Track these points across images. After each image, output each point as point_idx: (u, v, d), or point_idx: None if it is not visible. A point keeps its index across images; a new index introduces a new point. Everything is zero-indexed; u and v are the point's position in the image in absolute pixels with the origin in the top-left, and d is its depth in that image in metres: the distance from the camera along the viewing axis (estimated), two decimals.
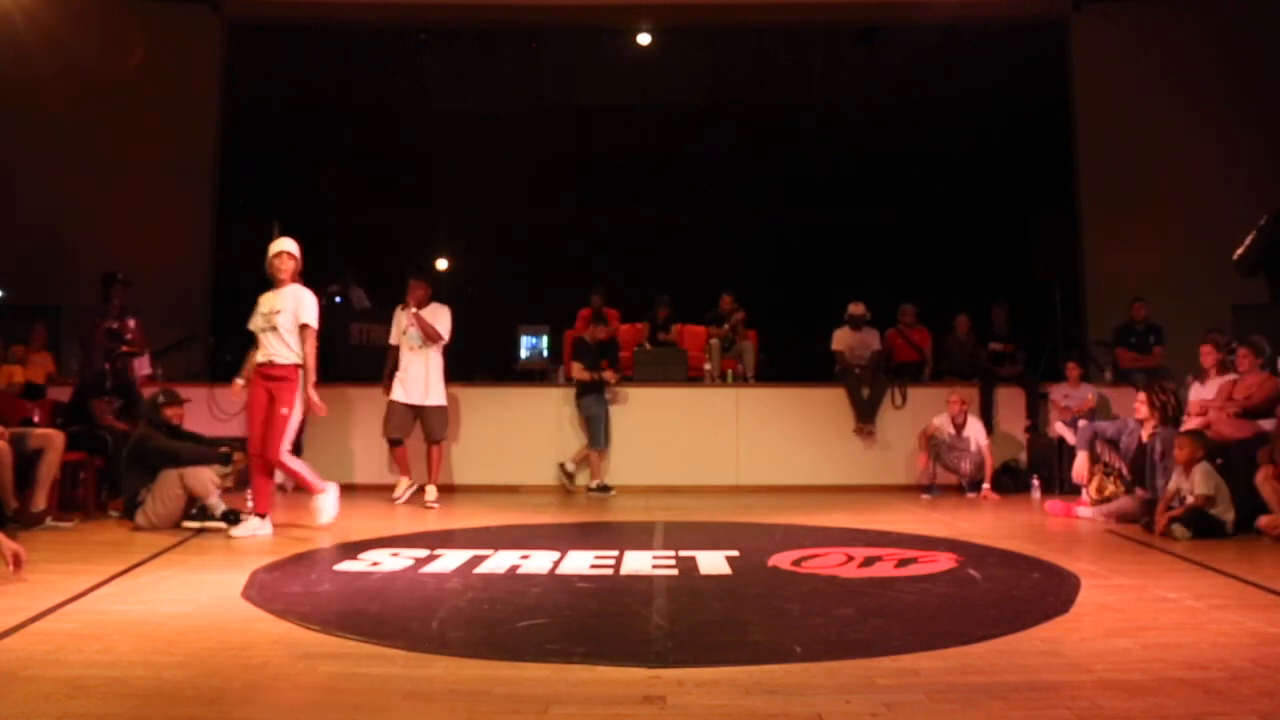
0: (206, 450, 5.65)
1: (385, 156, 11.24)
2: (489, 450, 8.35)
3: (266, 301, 5.45)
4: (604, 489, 7.88)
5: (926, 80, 10.43)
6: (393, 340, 7.17)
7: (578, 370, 8.02)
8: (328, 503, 5.39)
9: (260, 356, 5.38)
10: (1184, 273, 9.41)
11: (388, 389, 7.09)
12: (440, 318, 7.03)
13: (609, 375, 8.00)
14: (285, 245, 5.48)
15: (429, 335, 6.97)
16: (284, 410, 5.26)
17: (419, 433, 7.16)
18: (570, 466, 8.03)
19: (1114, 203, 9.72)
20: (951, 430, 7.67)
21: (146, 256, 8.97)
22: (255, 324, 5.45)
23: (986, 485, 7.51)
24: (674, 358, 8.86)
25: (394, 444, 7.16)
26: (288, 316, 5.34)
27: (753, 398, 8.54)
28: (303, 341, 5.34)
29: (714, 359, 8.81)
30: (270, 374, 5.32)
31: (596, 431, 7.92)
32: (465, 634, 3.05)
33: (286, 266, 5.43)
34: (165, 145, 9.55)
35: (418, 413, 7.05)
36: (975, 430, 7.71)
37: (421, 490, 7.03)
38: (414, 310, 6.96)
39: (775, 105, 11.35)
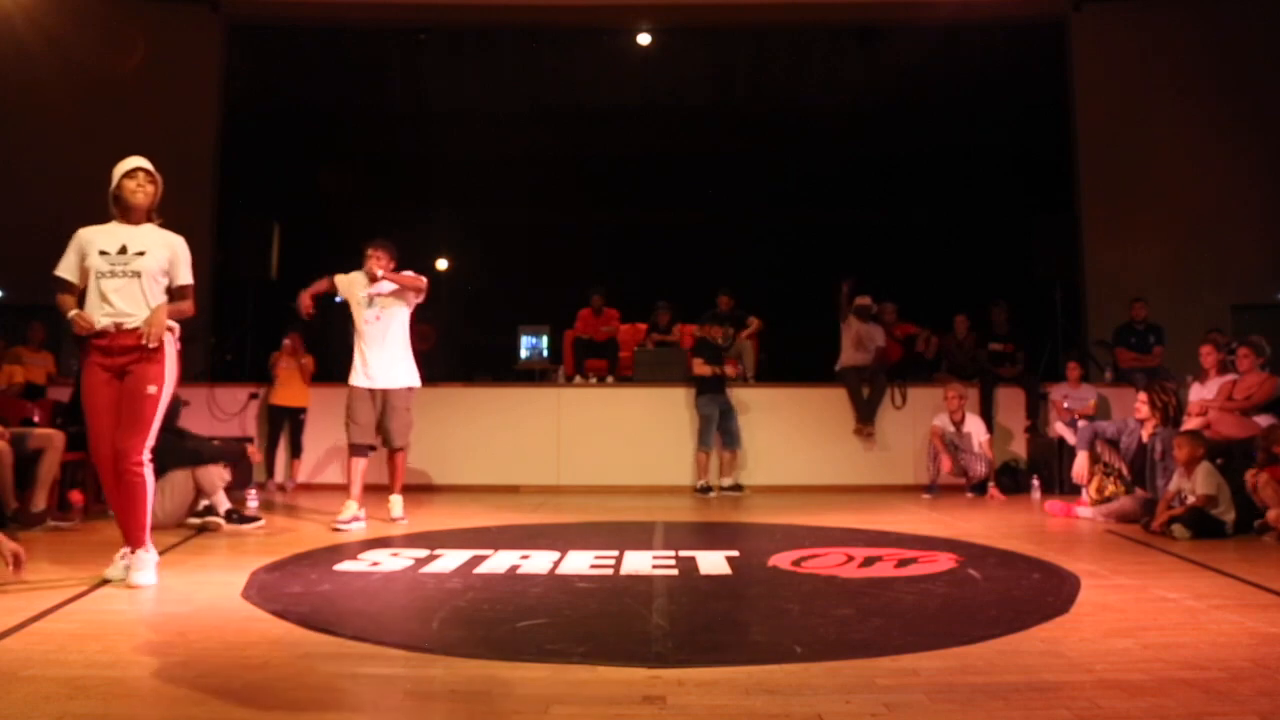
0: (224, 447, 5.76)
1: (385, 156, 11.25)
2: (489, 450, 8.36)
3: (109, 237, 3.83)
4: (737, 488, 7.87)
5: (926, 80, 10.44)
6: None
7: (699, 365, 8.02)
8: (149, 565, 3.77)
9: (101, 318, 3.73)
10: (1184, 273, 9.42)
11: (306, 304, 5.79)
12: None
13: (730, 369, 8.02)
14: (142, 162, 3.96)
15: (406, 286, 5.73)
16: (151, 389, 3.71)
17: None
18: (701, 482, 7.93)
19: (1114, 203, 9.72)
20: (952, 428, 7.68)
21: None
22: (92, 268, 3.77)
23: (993, 485, 7.52)
24: (674, 358, 8.86)
25: (356, 451, 5.79)
26: (156, 260, 3.83)
27: (753, 398, 8.54)
28: (180, 299, 3.91)
29: None
30: (123, 344, 3.73)
31: (705, 431, 7.93)
32: (465, 634, 3.05)
33: (146, 191, 3.90)
34: (165, 145, 9.46)
35: (380, 402, 5.78)
36: (975, 426, 7.72)
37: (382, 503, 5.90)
38: (380, 274, 5.69)
39: (775, 105, 11.35)
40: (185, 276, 3.94)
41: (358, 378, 5.80)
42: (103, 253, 3.80)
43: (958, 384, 7.94)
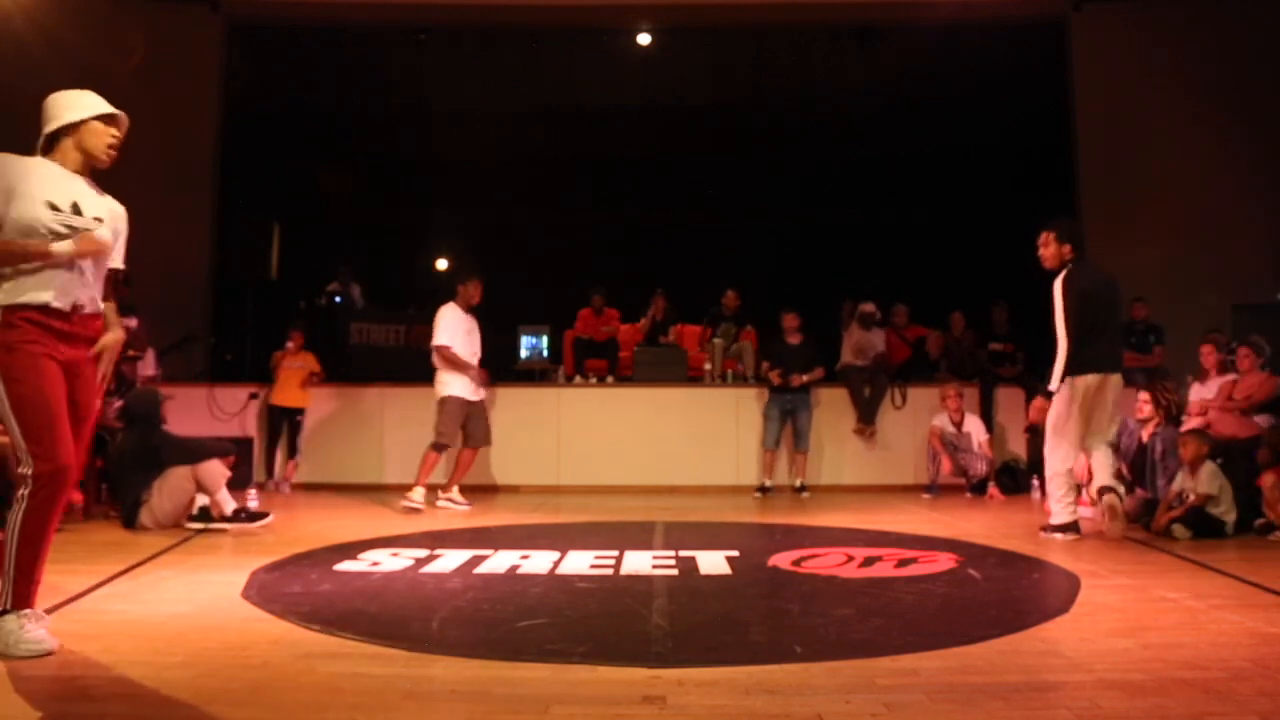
0: (223, 442, 5.77)
1: (385, 156, 11.24)
2: (489, 450, 8.32)
3: (58, 186, 2.84)
4: (763, 490, 7.87)
5: (926, 80, 10.43)
6: (454, 344, 6.77)
7: (764, 368, 8.18)
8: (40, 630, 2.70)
9: (54, 297, 2.74)
10: (1184, 273, 9.41)
11: (477, 379, 6.85)
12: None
13: (772, 376, 8.01)
14: (122, 115, 3.13)
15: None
16: (97, 402, 3.07)
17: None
18: (764, 482, 7.93)
19: (1114, 203, 9.71)
20: (953, 429, 7.68)
21: (146, 256, 8.93)
22: (35, 222, 2.73)
23: (993, 485, 7.51)
24: (674, 358, 8.86)
25: (440, 449, 6.67)
26: (112, 235, 2.91)
27: (752, 398, 8.53)
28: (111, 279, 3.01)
29: (714, 359, 8.81)
30: (87, 333, 2.86)
31: (766, 431, 8.01)
32: (465, 634, 3.05)
33: (110, 145, 3.00)
34: (165, 145, 9.52)
35: (475, 411, 6.83)
36: (974, 426, 7.72)
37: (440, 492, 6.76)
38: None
39: (775, 105, 11.35)
40: (121, 258, 3.04)
41: (463, 389, 6.74)
42: (53, 207, 2.76)
43: (957, 384, 7.95)
